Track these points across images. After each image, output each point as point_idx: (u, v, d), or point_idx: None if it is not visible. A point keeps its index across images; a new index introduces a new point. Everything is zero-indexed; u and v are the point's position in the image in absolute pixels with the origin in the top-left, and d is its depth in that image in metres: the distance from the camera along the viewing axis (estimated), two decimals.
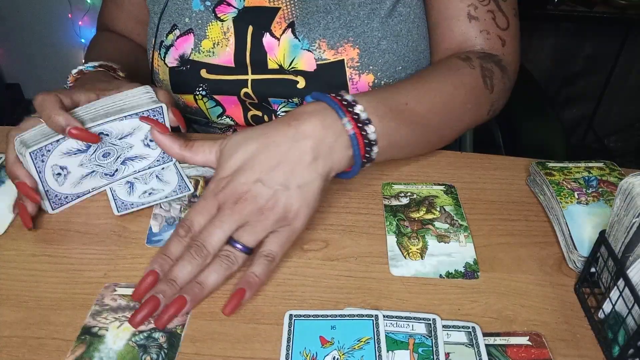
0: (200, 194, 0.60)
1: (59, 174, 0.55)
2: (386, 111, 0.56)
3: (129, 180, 0.61)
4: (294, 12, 0.67)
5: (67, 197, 0.58)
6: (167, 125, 0.59)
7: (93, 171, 0.58)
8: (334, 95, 0.55)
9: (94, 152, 0.56)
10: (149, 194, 0.60)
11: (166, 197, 0.59)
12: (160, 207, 0.59)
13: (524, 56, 1.82)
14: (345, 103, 0.54)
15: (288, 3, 0.67)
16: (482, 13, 0.67)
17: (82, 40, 2.07)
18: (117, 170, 0.60)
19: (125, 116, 0.56)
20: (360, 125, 0.53)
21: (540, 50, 1.83)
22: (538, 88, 0.95)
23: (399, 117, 0.57)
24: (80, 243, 0.55)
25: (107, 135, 0.56)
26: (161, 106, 0.58)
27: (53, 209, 0.57)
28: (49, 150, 0.53)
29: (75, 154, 0.55)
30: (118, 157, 0.59)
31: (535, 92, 0.94)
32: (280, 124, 0.53)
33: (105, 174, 0.59)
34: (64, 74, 0.68)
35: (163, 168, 0.63)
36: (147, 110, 0.57)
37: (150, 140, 0.60)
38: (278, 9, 0.68)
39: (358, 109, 0.54)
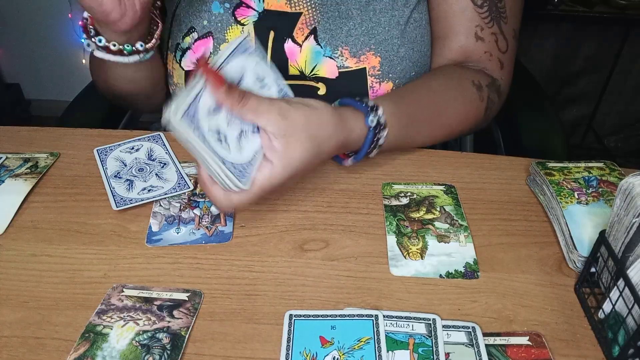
0: (199, 192, 0.60)
1: (219, 140, 0.48)
2: (397, 136, 0.61)
3: (128, 178, 0.61)
4: (315, 17, 0.67)
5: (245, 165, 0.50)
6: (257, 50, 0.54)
7: (242, 130, 0.50)
8: (372, 135, 0.57)
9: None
10: (148, 190, 0.60)
11: (165, 195, 0.59)
12: (160, 205, 0.59)
13: (524, 56, 1.82)
14: (376, 136, 0.58)
15: (310, 8, 0.67)
16: (487, 35, 0.69)
17: (82, 40, 2.06)
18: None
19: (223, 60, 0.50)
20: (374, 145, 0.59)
21: (540, 50, 1.83)
22: (538, 88, 0.95)
23: (402, 139, 0.63)
24: (80, 243, 0.55)
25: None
26: (244, 38, 0.52)
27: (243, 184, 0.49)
28: (194, 112, 0.47)
29: (216, 112, 0.49)
30: None
31: (535, 92, 0.94)
32: (334, 147, 0.54)
33: (253, 131, 0.51)
34: (64, 74, 0.68)
35: None
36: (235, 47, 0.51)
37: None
38: (300, 14, 0.67)
39: (382, 136, 0.58)
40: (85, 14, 0.64)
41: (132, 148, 0.67)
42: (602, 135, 2.03)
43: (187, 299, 0.49)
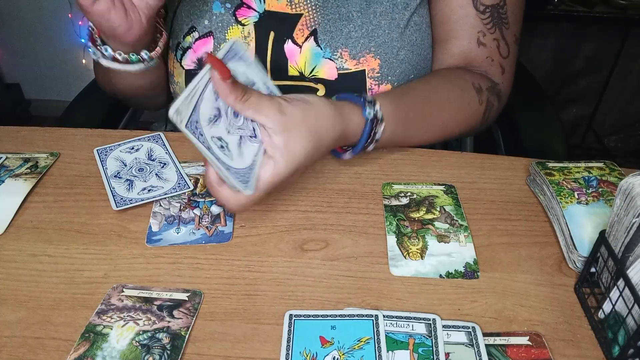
0: (199, 192, 0.60)
1: (222, 146, 0.50)
2: (393, 133, 0.62)
3: (128, 178, 0.62)
4: (316, 19, 0.67)
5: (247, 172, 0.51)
6: (250, 59, 0.53)
7: (241, 137, 0.51)
8: (370, 129, 0.58)
9: (227, 111, 0.51)
10: (148, 190, 0.60)
11: (165, 195, 0.59)
12: (160, 205, 0.59)
13: (524, 56, 1.82)
14: (374, 132, 0.59)
15: (310, 10, 0.67)
16: (489, 40, 0.69)
17: (82, 40, 2.07)
18: (254, 128, 0.52)
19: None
20: (371, 140, 0.59)
21: (540, 50, 1.83)
22: (538, 88, 0.95)
23: (399, 135, 0.63)
24: (80, 243, 0.55)
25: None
26: (233, 42, 0.51)
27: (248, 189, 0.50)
28: (197, 117, 0.48)
29: (215, 121, 0.49)
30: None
31: (535, 92, 0.94)
32: (333, 139, 0.55)
33: (251, 136, 0.52)
34: (64, 74, 0.68)
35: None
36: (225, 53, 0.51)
37: None
38: (300, 15, 0.67)
39: (379, 130, 0.59)
40: (92, 25, 0.64)
41: (132, 148, 0.67)
42: (602, 135, 2.03)
43: (187, 299, 0.49)
